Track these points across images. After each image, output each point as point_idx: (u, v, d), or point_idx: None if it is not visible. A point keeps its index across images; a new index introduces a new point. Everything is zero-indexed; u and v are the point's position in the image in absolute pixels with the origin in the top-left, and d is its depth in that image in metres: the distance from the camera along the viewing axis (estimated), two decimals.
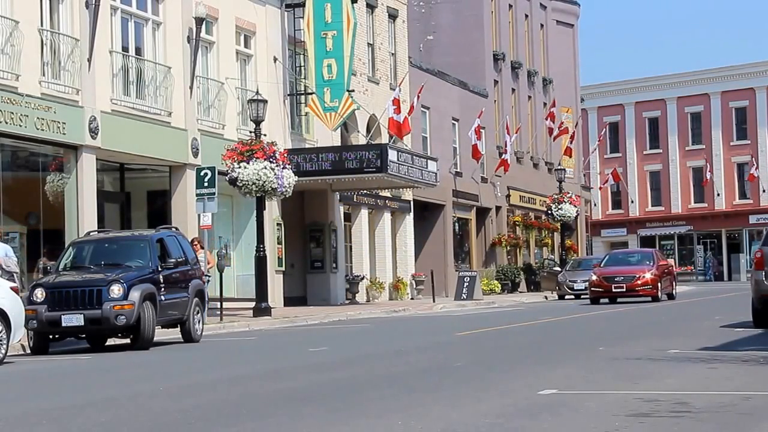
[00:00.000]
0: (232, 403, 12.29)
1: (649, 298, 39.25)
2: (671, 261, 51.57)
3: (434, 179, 44.35)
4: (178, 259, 24.21)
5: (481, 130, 54.33)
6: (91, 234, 25.64)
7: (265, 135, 33.84)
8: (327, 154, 39.03)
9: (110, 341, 24.18)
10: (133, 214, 34.21)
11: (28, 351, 22.78)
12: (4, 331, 19.84)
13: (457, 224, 56.20)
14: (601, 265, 41.18)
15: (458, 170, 55.45)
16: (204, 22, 34.92)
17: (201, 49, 35.22)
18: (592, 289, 39.57)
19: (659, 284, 39.39)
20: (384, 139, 44.77)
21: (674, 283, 42.93)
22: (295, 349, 21.17)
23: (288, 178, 33.20)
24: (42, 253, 28.86)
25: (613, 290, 38.91)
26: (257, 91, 34.21)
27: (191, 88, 34.53)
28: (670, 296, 41.64)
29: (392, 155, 39.54)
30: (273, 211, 38.07)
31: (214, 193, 30.89)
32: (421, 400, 12.07)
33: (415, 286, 50.52)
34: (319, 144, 41.28)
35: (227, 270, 33.71)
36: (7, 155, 29.20)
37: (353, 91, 40.78)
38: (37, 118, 28.16)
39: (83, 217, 29.53)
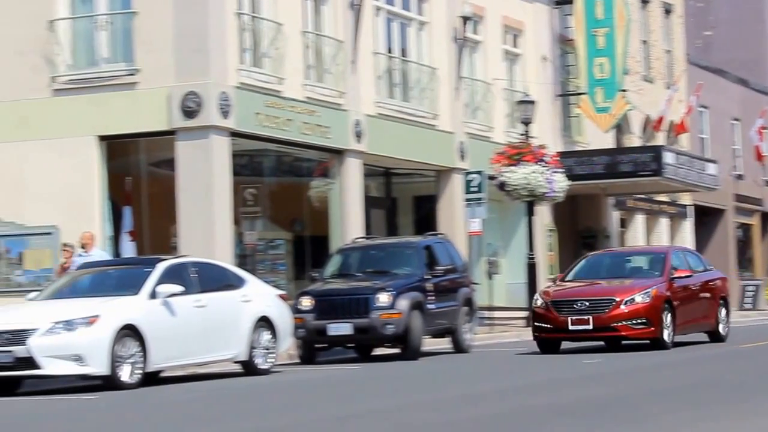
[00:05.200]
0: (501, 417, 11.85)
1: (648, 341, 22.11)
2: (717, 272, 25.40)
3: (714, 182, 42.84)
4: (447, 267, 23.88)
5: (763, 131, 52.14)
6: (358, 241, 25.62)
7: (534, 137, 33.29)
8: (599, 157, 38.19)
9: (377, 351, 24.05)
10: (399, 220, 33.96)
11: (296, 360, 22.71)
12: (272, 340, 19.85)
13: (739, 230, 53.94)
14: (566, 278, 23.67)
15: (739, 173, 53.25)
16: (470, 21, 34.27)
17: (467, 49, 34.46)
18: (536, 324, 22.28)
19: (665, 316, 21.77)
20: (659, 140, 43.23)
21: (722, 313, 23.99)
22: (568, 360, 20.35)
23: (559, 183, 32.78)
24: (309, 264, 28.57)
25: (570, 328, 21.57)
26: (526, 92, 33.65)
27: (457, 89, 33.84)
28: (714, 336, 23.86)
29: (668, 157, 38.29)
30: (544, 216, 37.05)
31: (482, 199, 30.57)
32: (706, 414, 11.23)
33: None
34: (591, 146, 40.16)
35: (497, 278, 33.39)
36: (272, 160, 29.20)
37: (627, 90, 39.56)
38: (302, 122, 27.81)
39: (348, 224, 29.14)
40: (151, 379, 18.25)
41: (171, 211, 25.38)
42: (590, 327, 21.44)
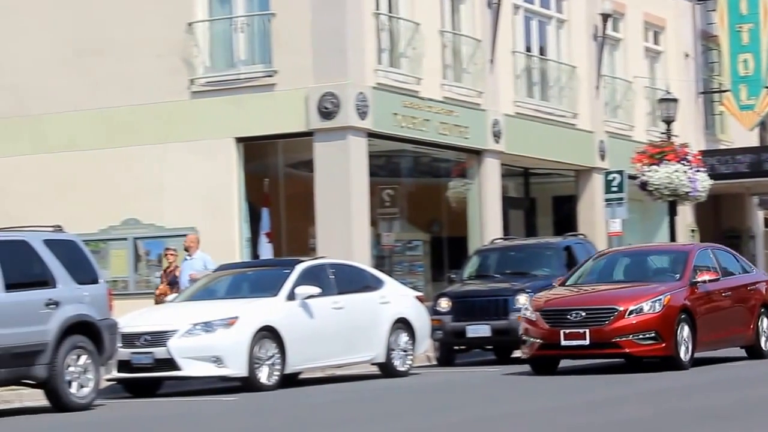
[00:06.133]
0: (643, 420, 11.69)
1: (658, 359, 18.10)
2: (760, 275, 21.17)
3: None
4: None
5: None
6: (496, 242, 25.43)
7: (676, 136, 32.63)
8: (744, 156, 37.32)
9: (516, 353, 23.47)
10: (538, 220, 33.58)
11: (434, 362, 22.64)
12: (410, 342, 19.80)
13: None
14: (568, 282, 19.61)
15: None
16: (610, 19, 33.75)
17: (607, 46, 33.93)
18: (523, 338, 18.47)
19: (680, 329, 17.89)
20: None
21: (763, 323, 19.82)
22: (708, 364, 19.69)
23: (702, 182, 32.13)
24: (447, 265, 28.41)
25: (562, 343, 17.78)
26: (667, 90, 32.94)
27: (597, 88, 33.34)
28: (753, 351, 19.75)
29: None
30: (686, 216, 36.32)
31: (623, 199, 30.06)
32: None
33: None
34: (735, 145, 39.40)
35: None
36: (409, 161, 29.08)
37: None
38: (439, 122, 27.58)
39: (487, 225, 28.83)
40: (289, 380, 18.21)
41: (308, 212, 25.37)
42: (587, 342, 17.61)
